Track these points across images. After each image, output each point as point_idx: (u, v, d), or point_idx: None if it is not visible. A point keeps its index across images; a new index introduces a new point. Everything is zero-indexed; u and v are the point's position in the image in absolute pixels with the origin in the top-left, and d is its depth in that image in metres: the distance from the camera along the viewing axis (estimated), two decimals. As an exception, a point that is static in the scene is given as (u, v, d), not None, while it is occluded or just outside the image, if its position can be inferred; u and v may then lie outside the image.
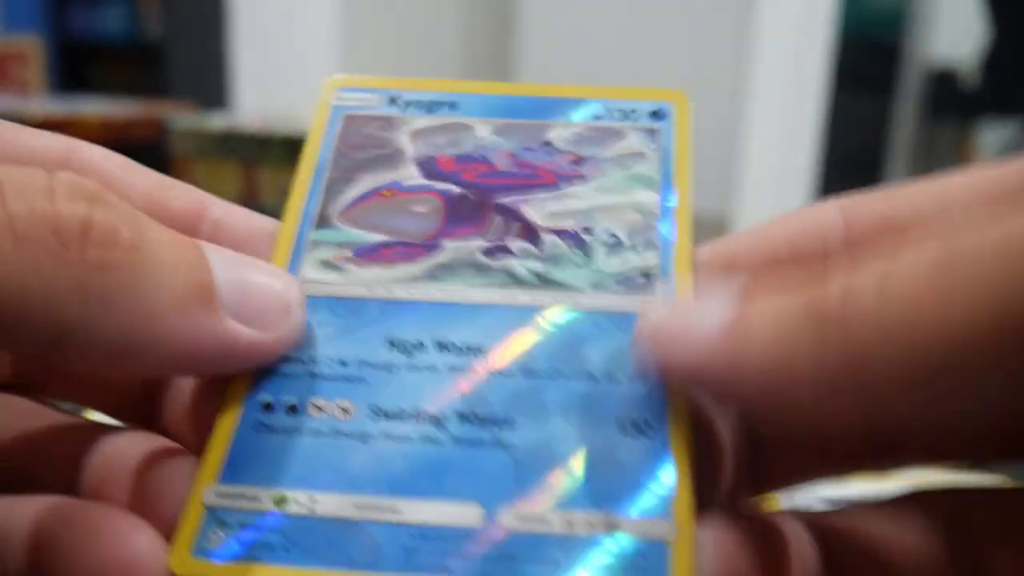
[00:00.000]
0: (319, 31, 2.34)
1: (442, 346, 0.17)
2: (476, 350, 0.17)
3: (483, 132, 0.20)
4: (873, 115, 1.49)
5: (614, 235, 0.18)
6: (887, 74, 1.46)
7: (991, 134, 4.03)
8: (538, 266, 0.18)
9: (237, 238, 0.18)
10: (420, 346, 0.17)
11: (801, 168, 1.54)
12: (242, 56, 2.48)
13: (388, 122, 0.20)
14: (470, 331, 0.17)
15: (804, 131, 1.52)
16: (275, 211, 0.19)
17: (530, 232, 0.19)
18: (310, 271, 0.18)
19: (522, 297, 0.18)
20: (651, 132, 0.20)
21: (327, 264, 0.18)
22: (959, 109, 3.35)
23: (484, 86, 0.21)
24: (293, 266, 0.18)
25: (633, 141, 0.20)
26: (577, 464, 0.16)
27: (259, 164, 0.48)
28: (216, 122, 0.50)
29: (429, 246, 0.18)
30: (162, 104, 0.66)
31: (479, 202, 0.19)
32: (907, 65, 1.44)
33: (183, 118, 0.53)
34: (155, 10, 2.64)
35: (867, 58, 1.45)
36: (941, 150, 4.33)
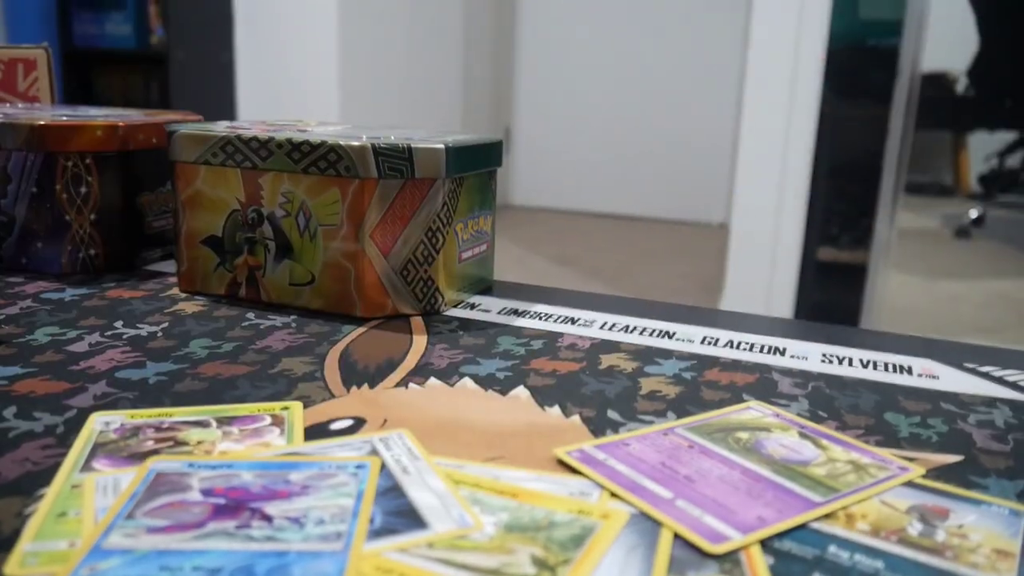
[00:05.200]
0: (320, 42, 2.31)
1: (195, 568, 0.26)
2: (218, 571, 0.26)
3: (247, 477, 0.32)
4: (867, 122, 1.49)
5: (322, 517, 0.29)
6: (881, 82, 1.49)
7: (982, 141, 3.92)
8: (268, 532, 0.28)
9: None
10: (180, 569, 0.26)
11: (797, 174, 1.56)
12: (245, 68, 2.42)
13: (185, 475, 0.32)
14: (215, 561, 0.27)
15: (799, 138, 1.56)
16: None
17: (267, 518, 0.29)
18: (115, 538, 0.28)
19: (254, 545, 0.28)
20: (355, 475, 0.32)
21: (129, 536, 0.28)
22: (951, 117, 3.26)
23: (255, 458, 0.33)
24: (104, 535, 0.28)
25: (342, 477, 0.32)
26: None
27: (261, 170, 0.52)
28: (218, 128, 0.55)
29: (198, 525, 0.29)
30: (166, 113, 0.69)
31: (236, 507, 0.30)
32: (900, 74, 1.50)
33: (185, 124, 0.57)
34: (159, 21, 2.80)
35: (861, 67, 1.50)
36: (934, 157, 4.11)
